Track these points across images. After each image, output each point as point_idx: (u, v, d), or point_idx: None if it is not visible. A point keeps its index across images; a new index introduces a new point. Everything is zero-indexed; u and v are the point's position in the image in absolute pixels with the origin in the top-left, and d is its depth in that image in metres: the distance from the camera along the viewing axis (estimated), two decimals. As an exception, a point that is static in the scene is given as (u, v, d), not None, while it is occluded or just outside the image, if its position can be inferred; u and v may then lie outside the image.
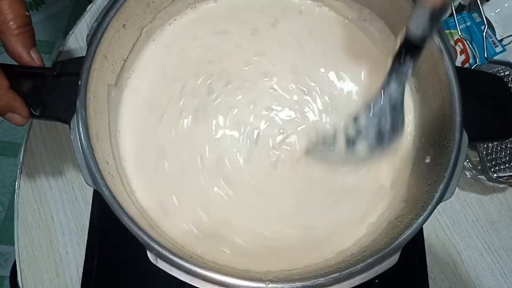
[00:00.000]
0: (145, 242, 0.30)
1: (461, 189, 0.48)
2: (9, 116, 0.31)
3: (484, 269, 0.46)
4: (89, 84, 0.33)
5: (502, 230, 0.47)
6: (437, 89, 0.36)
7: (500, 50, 0.48)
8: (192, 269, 0.29)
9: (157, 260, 0.29)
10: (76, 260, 0.44)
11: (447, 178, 0.32)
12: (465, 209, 0.48)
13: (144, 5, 0.37)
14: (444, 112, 0.35)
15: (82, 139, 0.31)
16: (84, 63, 0.33)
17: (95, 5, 0.52)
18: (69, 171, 0.47)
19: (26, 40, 0.32)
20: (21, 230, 0.45)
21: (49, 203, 0.46)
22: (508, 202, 0.48)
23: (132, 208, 0.33)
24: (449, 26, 0.48)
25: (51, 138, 0.48)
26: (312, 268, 0.34)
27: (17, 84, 0.32)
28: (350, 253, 0.34)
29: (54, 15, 1.21)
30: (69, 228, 0.45)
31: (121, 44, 0.37)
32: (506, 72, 0.46)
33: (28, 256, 0.44)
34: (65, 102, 0.32)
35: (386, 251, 0.30)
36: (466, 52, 0.48)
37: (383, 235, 0.34)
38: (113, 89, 0.37)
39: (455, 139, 0.33)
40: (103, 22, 0.34)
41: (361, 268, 0.30)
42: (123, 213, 0.30)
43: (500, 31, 0.50)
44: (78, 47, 0.51)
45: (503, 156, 0.44)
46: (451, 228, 0.47)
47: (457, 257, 0.46)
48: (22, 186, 0.46)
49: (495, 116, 0.35)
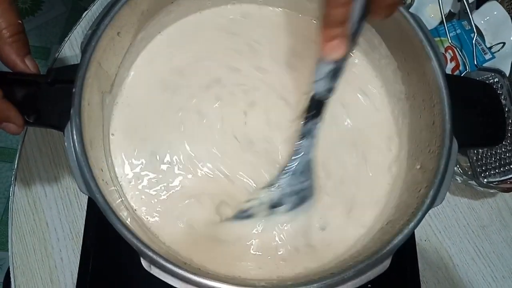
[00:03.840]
0: (138, 249, 0.30)
1: (452, 194, 0.49)
2: (4, 125, 0.31)
3: (476, 273, 0.47)
4: (84, 91, 0.33)
5: (493, 235, 0.48)
6: (427, 97, 0.36)
7: (490, 57, 0.48)
8: (186, 275, 0.29)
9: (150, 267, 0.29)
10: (71, 266, 0.44)
11: (437, 184, 0.32)
12: (456, 214, 0.48)
13: (138, 13, 0.38)
14: (434, 119, 0.35)
15: (76, 147, 0.31)
16: (78, 71, 0.33)
17: (91, 12, 0.53)
18: (64, 177, 0.47)
19: (20, 48, 0.32)
20: (15, 237, 0.45)
21: (44, 209, 0.46)
22: (499, 207, 0.49)
23: (125, 215, 0.33)
24: (439, 33, 0.49)
25: (46, 144, 0.48)
26: (305, 273, 0.34)
27: (11, 91, 0.32)
28: (342, 258, 0.34)
29: (50, 21, 1.21)
30: (63, 234, 0.45)
31: (115, 51, 0.37)
32: (495, 79, 0.47)
33: (22, 263, 0.44)
34: (59, 109, 0.32)
35: (378, 257, 0.31)
36: (456, 59, 0.48)
37: (374, 240, 0.34)
38: (108, 96, 0.38)
39: (445, 145, 0.33)
40: (98, 29, 0.34)
41: (352, 274, 0.30)
42: (116, 220, 0.30)
43: (489, 38, 0.51)
44: (73, 54, 0.51)
45: (493, 161, 0.45)
46: (443, 233, 0.47)
47: (449, 262, 0.47)
48: (17, 192, 0.46)
49: (485, 122, 0.36)
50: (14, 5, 0.32)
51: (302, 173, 0.37)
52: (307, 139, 0.37)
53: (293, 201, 0.37)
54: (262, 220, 0.37)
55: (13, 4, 0.32)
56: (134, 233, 0.30)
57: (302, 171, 0.37)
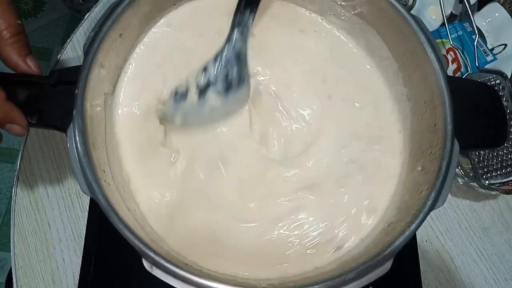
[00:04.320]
0: (140, 250, 0.30)
1: (454, 196, 0.49)
2: (8, 127, 0.31)
3: (477, 276, 0.46)
4: (86, 92, 0.33)
5: (495, 237, 0.48)
6: (429, 98, 0.36)
7: (491, 59, 0.48)
8: (187, 277, 0.29)
9: (152, 268, 0.29)
10: (73, 267, 0.44)
11: (439, 186, 0.32)
12: (458, 216, 0.48)
13: (141, 15, 0.38)
14: (435, 120, 0.35)
15: (78, 148, 0.31)
16: (81, 72, 0.33)
17: (93, 13, 0.53)
18: (66, 178, 0.47)
19: (21, 49, 0.32)
20: (17, 237, 0.45)
21: (46, 210, 0.46)
22: (501, 208, 0.49)
23: (127, 216, 0.33)
24: (441, 35, 0.49)
25: (48, 145, 0.48)
26: (306, 275, 0.34)
27: (14, 93, 0.32)
28: (343, 260, 0.34)
29: (53, 22, 1.22)
30: (65, 235, 0.45)
31: (117, 53, 0.38)
32: (497, 80, 0.47)
33: (24, 263, 0.44)
34: (61, 110, 0.33)
35: (379, 259, 0.31)
36: (457, 61, 0.48)
37: (376, 242, 0.34)
38: (110, 98, 0.38)
39: (446, 147, 0.33)
40: (100, 31, 0.34)
41: (354, 276, 0.30)
42: (119, 221, 0.30)
43: (491, 40, 0.51)
44: (76, 55, 0.51)
45: (494, 163, 0.45)
46: (444, 235, 0.47)
47: (450, 264, 0.47)
48: (19, 192, 0.46)
49: (486, 124, 0.36)
50: (13, 6, 0.32)
51: (233, 63, 0.38)
52: (239, 31, 0.37)
53: (223, 86, 0.38)
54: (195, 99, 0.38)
55: (12, 4, 0.32)
56: (136, 234, 0.30)
57: (233, 62, 0.38)
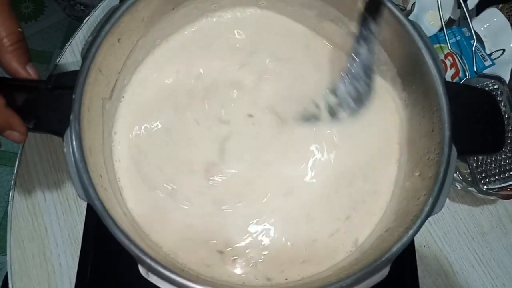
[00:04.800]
0: (136, 256, 0.30)
1: (452, 201, 0.49)
2: (8, 133, 0.31)
3: (475, 281, 0.46)
4: (83, 97, 0.33)
5: (493, 242, 0.48)
6: (427, 103, 0.36)
7: (489, 64, 0.48)
8: (183, 283, 0.29)
9: (148, 274, 0.29)
10: (69, 272, 0.44)
11: (437, 192, 0.32)
12: (456, 221, 0.48)
13: (139, 20, 0.38)
14: (433, 126, 0.35)
15: (75, 153, 0.31)
16: (78, 77, 0.33)
17: (92, 17, 0.53)
18: (63, 182, 0.47)
19: (21, 56, 0.32)
20: (14, 242, 0.45)
21: (43, 214, 0.46)
22: (499, 214, 0.49)
23: (124, 221, 0.33)
24: (439, 40, 0.49)
25: (46, 149, 0.48)
26: (303, 281, 0.34)
27: (11, 97, 0.32)
28: (340, 266, 0.34)
29: (52, 26, 1.22)
30: (62, 239, 0.45)
31: (115, 58, 0.37)
32: (495, 86, 0.47)
33: (21, 268, 0.44)
34: (59, 115, 0.32)
35: (376, 265, 0.31)
36: (456, 66, 0.48)
37: (373, 248, 0.34)
38: (108, 102, 0.38)
39: (444, 153, 0.33)
40: (98, 36, 0.34)
41: (351, 282, 0.30)
42: (115, 227, 0.30)
43: (489, 45, 0.51)
44: (74, 60, 0.51)
45: (493, 168, 0.45)
46: (443, 240, 0.47)
47: (448, 269, 0.46)
48: (16, 197, 0.46)
49: (485, 129, 0.36)
50: (13, 14, 0.32)
51: (360, 78, 0.39)
52: (364, 45, 0.38)
53: (351, 106, 0.39)
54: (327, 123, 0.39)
55: (12, 12, 0.32)
56: (132, 239, 0.30)
57: (360, 76, 0.39)
